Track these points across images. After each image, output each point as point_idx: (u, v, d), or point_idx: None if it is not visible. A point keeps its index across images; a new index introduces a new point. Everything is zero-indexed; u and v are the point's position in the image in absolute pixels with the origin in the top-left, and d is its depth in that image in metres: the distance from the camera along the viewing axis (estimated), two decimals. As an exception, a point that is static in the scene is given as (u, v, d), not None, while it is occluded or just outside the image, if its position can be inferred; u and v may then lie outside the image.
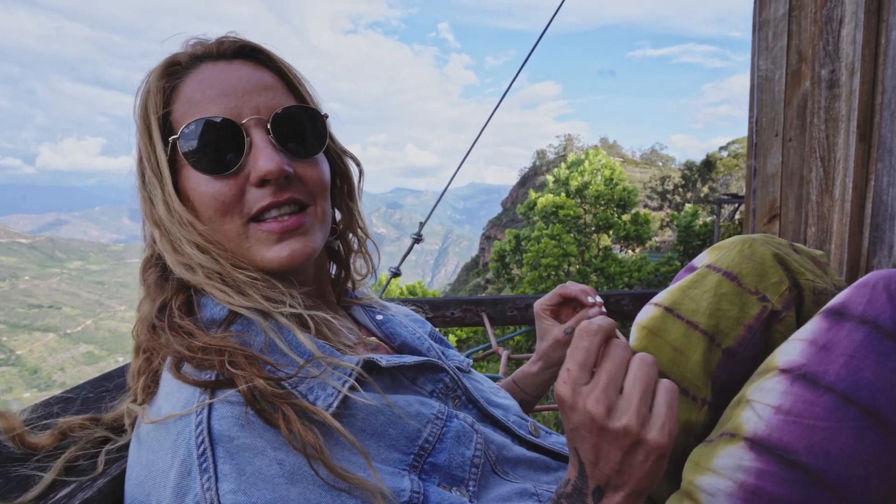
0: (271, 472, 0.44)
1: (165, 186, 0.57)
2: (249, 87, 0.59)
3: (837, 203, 1.52)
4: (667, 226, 32.25)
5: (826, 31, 1.53)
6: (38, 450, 0.56)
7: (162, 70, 0.60)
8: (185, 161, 0.57)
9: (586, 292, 0.91)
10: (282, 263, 0.58)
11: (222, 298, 0.55)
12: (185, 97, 0.59)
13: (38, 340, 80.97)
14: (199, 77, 0.59)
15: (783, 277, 0.79)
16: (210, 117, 0.56)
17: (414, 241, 1.80)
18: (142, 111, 0.59)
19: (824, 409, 0.55)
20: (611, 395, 0.42)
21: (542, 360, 0.95)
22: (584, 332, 0.44)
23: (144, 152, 0.58)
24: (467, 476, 0.56)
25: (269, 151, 0.57)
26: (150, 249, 0.62)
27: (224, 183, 0.57)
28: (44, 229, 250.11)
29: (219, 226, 0.57)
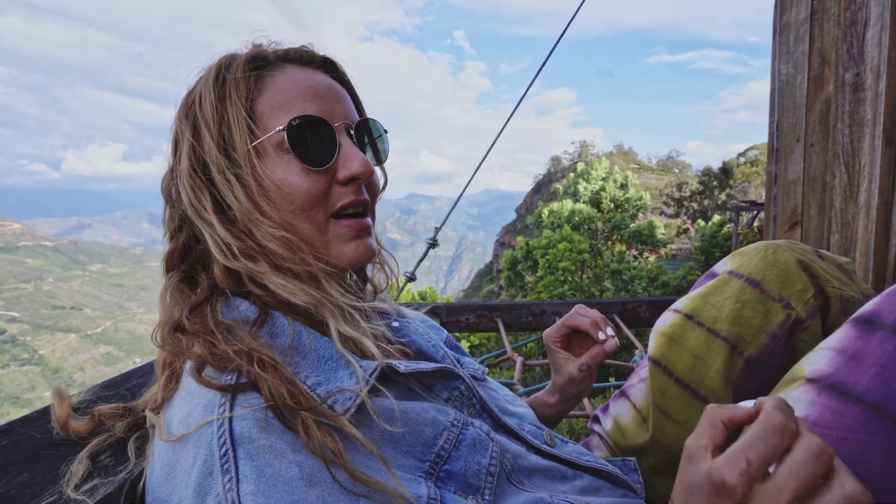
0: (290, 474, 0.44)
1: (254, 170, 0.57)
2: (336, 94, 0.63)
3: (862, 210, 1.48)
4: (683, 233, 31.83)
5: (850, 34, 1.50)
6: (75, 436, 0.59)
7: (249, 60, 0.61)
8: (286, 151, 0.58)
9: (597, 325, 0.82)
10: (356, 259, 0.62)
11: (287, 290, 0.56)
12: (276, 91, 0.60)
13: (60, 341, 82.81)
14: (290, 76, 0.61)
15: (808, 285, 0.77)
16: (312, 114, 0.59)
17: (430, 246, 1.81)
18: (218, 94, 0.59)
19: (855, 421, 0.53)
20: None
21: (559, 393, 0.88)
22: (777, 427, 0.38)
23: (217, 136, 0.58)
24: (483, 485, 0.56)
25: (361, 154, 0.62)
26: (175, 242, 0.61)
27: (317, 177, 0.59)
28: (67, 233, 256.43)
29: (304, 217, 0.59)
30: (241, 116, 0.58)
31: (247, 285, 0.58)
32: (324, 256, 0.60)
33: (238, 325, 0.53)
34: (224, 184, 0.57)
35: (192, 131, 0.59)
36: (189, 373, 0.51)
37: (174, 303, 0.58)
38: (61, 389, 0.63)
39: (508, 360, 1.79)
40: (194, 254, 0.62)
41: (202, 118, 0.58)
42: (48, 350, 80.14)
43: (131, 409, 0.62)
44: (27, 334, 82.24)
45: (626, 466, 0.78)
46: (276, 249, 0.56)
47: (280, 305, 0.58)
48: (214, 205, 0.58)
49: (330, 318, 0.57)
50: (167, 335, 0.56)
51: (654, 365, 0.84)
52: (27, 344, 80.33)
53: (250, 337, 0.52)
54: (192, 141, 0.59)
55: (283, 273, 0.57)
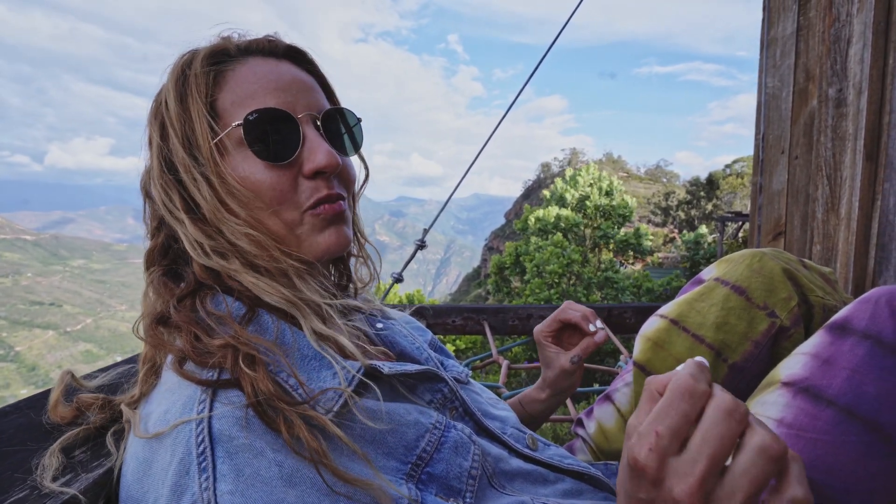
0: (270, 474, 0.43)
1: (218, 168, 0.56)
2: (300, 85, 0.61)
3: (843, 221, 1.51)
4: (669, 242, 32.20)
5: (834, 51, 1.53)
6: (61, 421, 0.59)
7: (209, 56, 0.59)
8: (246, 147, 0.57)
9: (587, 318, 0.83)
10: (330, 247, 0.60)
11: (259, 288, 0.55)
12: (236, 86, 0.58)
13: (38, 337, 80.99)
14: (251, 69, 0.59)
15: (792, 293, 0.79)
16: (272, 107, 0.57)
17: (417, 248, 1.80)
18: (180, 93, 0.57)
19: (826, 423, 0.54)
20: (710, 485, 0.33)
21: (550, 388, 0.88)
22: (684, 391, 0.35)
23: (181, 135, 0.56)
24: (464, 487, 0.55)
25: (326, 146, 0.59)
26: (155, 240, 0.60)
27: (281, 172, 0.58)
28: (49, 227, 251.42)
29: (271, 214, 0.57)
30: (202, 114, 0.56)
31: (226, 281, 0.57)
32: (295, 252, 0.59)
33: (227, 317, 0.53)
34: (191, 183, 0.56)
35: (159, 132, 0.58)
36: (170, 366, 0.50)
37: (158, 296, 0.57)
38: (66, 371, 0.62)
39: (494, 363, 1.79)
40: (174, 252, 0.61)
41: (167, 118, 0.57)
42: (25, 347, 78.29)
43: (111, 401, 0.60)
44: (3, 330, 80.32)
45: (608, 470, 0.79)
46: (245, 247, 0.55)
47: (263, 302, 0.57)
48: (184, 204, 0.57)
49: (302, 318, 0.56)
50: (149, 327, 0.55)
51: (638, 370, 0.85)
52: (3, 340, 78.44)
53: (240, 329, 0.51)
54: (160, 141, 0.58)
55: (254, 270, 0.56)
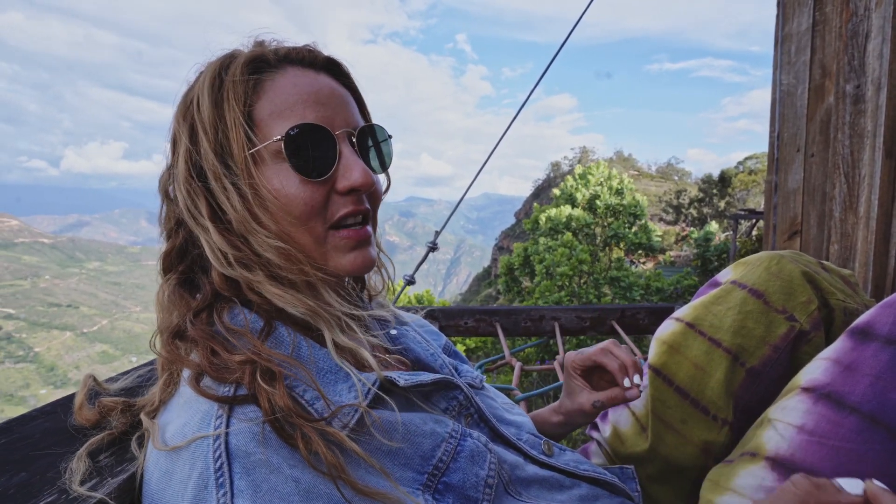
0: (287, 489, 0.44)
1: (251, 179, 0.55)
2: (338, 100, 0.61)
3: (862, 220, 1.49)
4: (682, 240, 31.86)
5: (851, 46, 1.51)
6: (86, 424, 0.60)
7: (247, 63, 0.58)
8: (283, 160, 0.56)
9: (625, 370, 0.75)
10: (355, 269, 0.60)
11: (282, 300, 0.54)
12: (276, 96, 0.57)
13: (56, 338, 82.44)
14: (290, 80, 0.59)
15: (812, 297, 0.77)
16: (312, 123, 0.57)
17: (429, 250, 1.80)
18: (215, 98, 0.56)
19: (850, 431, 0.53)
20: None
21: (564, 417, 0.83)
22: None
23: (214, 141, 0.55)
24: (481, 496, 0.55)
25: (362, 164, 0.59)
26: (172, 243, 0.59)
27: (315, 188, 0.57)
28: (66, 230, 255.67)
29: (301, 228, 0.57)
30: (238, 122, 0.55)
31: (245, 293, 0.57)
32: (321, 266, 0.59)
33: (246, 331, 0.53)
34: (220, 191, 0.55)
35: (189, 135, 0.57)
36: (187, 382, 0.50)
37: (173, 307, 0.57)
38: (88, 375, 0.63)
39: (507, 364, 1.78)
40: (192, 256, 0.60)
41: (199, 121, 0.56)
42: (43, 348, 79.74)
43: (132, 405, 0.61)
44: (23, 331, 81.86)
45: (623, 474, 0.78)
46: (272, 259, 0.55)
47: (279, 315, 0.57)
48: (210, 211, 0.56)
49: (326, 329, 0.56)
50: (165, 341, 0.55)
51: (654, 373, 0.84)
52: (22, 341, 79.94)
53: (259, 344, 0.51)
54: (189, 145, 0.57)
55: (278, 282, 0.56)
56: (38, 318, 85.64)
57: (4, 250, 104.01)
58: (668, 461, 0.82)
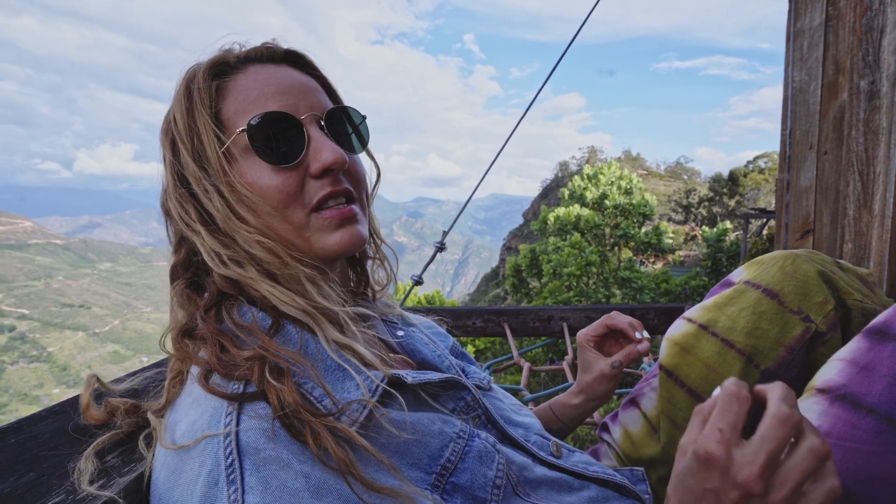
0: (297, 485, 0.44)
1: (227, 177, 0.57)
2: (301, 87, 0.62)
3: (877, 219, 1.46)
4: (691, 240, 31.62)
5: (866, 41, 1.48)
6: (93, 423, 0.60)
7: (209, 69, 0.60)
8: (252, 153, 0.58)
9: (633, 326, 0.86)
10: (342, 248, 0.60)
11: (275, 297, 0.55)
12: (238, 94, 0.60)
13: (69, 338, 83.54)
14: (251, 77, 0.61)
15: (828, 297, 0.75)
16: (275, 110, 0.58)
17: (437, 250, 1.80)
18: (186, 108, 0.59)
19: (867, 432, 0.52)
20: (769, 474, 0.40)
21: (584, 392, 0.89)
22: (733, 396, 0.43)
23: (191, 149, 0.58)
24: (489, 497, 0.55)
25: (331, 144, 0.60)
26: (177, 255, 0.61)
27: (287, 174, 0.58)
28: (78, 231, 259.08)
29: (280, 217, 0.58)
30: (208, 126, 0.57)
31: (247, 290, 0.57)
32: (308, 253, 0.59)
33: (255, 328, 0.53)
34: (203, 194, 0.57)
35: (171, 148, 0.60)
36: (196, 380, 0.51)
37: (182, 308, 0.58)
38: (91, 375, 0.64)
39: (515, 365, 1.78)
40: (195, 263, 0.61)
41: (177, 133, 0.59)
42: (56, 347, 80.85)
43: (140, 406, 0.61)
44: (36, 331, 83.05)
45: (633, 476, 0.77)
46: (258, 254, 0.56)
47: (285, 312, 0.57)
48: (199, 215, 0.58)
49: (317, 327, 0.56)
50: (175, 339, 0.55)
51: (665, 375, 0.83)
52: (36, 341, 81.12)
53: (268, 340, 0.51)
54: (171, 157, 0.59)
55: (270, 278, 0.56)
56: (51, 318, 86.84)
57: (18, 251, 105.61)
58: None
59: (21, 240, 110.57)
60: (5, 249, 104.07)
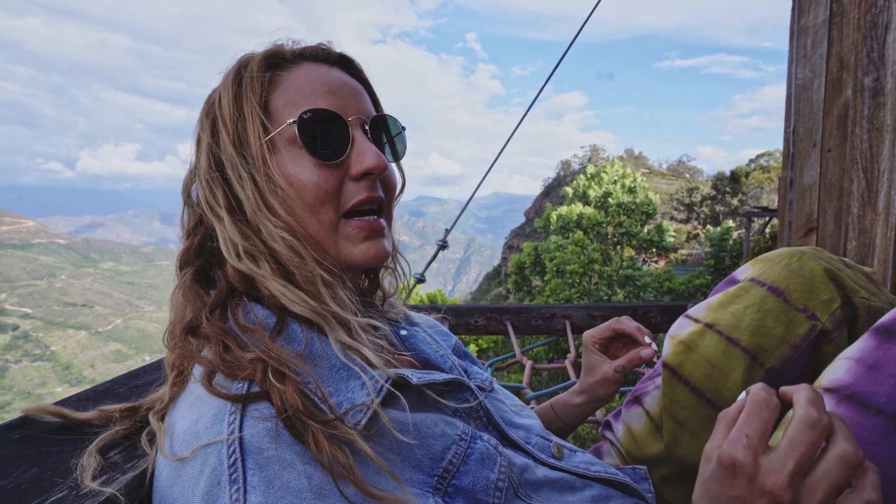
0: (299, 486, 0.43)
1: (266, 167, 0.57)
2: (350, 90, 0.63)
3: (881, 216, 1.45)
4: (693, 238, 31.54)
5: (870, 38, 1.47)
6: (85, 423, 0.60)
7: (264, 59, 0.61)
8: (297, 146, 0.58)
9: (641, 331, 0.86)
10: (367, 261, 0.61)
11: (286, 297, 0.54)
12: (290, 88, 0.60)
13: (72, 337, 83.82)
14: (305, 73, 0.61)
15: (834, 295, 0.75)
16: (325, 108, 0.59)
17: (439, 248, 1.80)
18: (234, 93, 0.59)
19: (875, 433, 0.52)
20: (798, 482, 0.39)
21: (587, 393, 0.89)
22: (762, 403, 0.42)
23: (233, 133, 0.58)
24: (491, 499, 0.55)
25: (374, 149, 0.61)
26: (190, 241, 0.60)
27: (329, 172, 0.59)
28: (81, 231, 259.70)
29: (313, 215, 0.58)
30: (255, 113, 0.58)
31: (258, 288, 0.57)
32: (331, 258, 0.59)
33: (258, 329, 0.53)
34: (237, 180, 0.57)
35: (210, 129, 0.60)
36: (199, 380, 0.50)
37: (187, 302, 0.57)
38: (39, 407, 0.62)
39: (517, 363, 1.77)
40: (209, 250, 0.61)
41: (220, 116, 0.59)
42: (59, 346, 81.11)
43: (135, 408, 0.61)
44: (39, 330, 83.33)
45: (636, 475, 0.77)
46: (279, 249, 0.56)
47: (292, 312, 0.56)
48: (227, 201, 0.58)
49: (328, 329, 0.55)
50: (179, 336, 0.55)
51: (668, 372, 0.83)
52: (39, 340, 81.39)
53: (271, 342, 0.51)
54: (210, 139, 0.59)
55: (284, 278, 0.56)
56: (54, 317, 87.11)
57: (22, 251, 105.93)
58: (684, 462, 0.81)
59: (24, 239, 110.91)
60: (9, 249, 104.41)
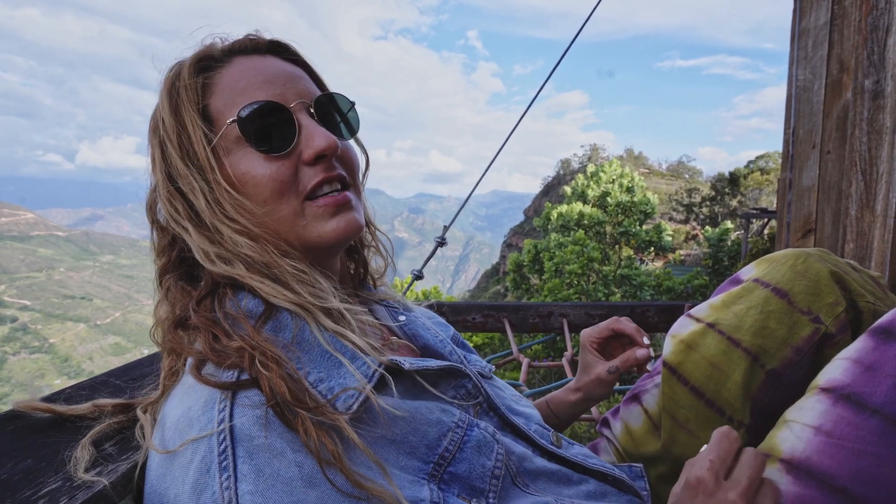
0: (290, 474, 0.44)
1: (214, 174, 0.57)
2: (287, 76, 0.61)
3: (879, 218, 1.45)
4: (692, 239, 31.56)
5: (871, 40, 1.47)
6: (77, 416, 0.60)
7: (194, 64, 0.60)
8: (244, 144, 0.58)
9: (640, 332, 0.86)
10: (339, 235, 0.60)
11: (263, 291, 0.54)
12: (225, 87, 0.59)
13: (70, 330, 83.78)
14: (237, 68, 0.60)
15: (840, 298, 0.74)
16: (264, 100, 0.58)
17: (438, 245, 1.80)
18: (172, 106, 0.58)
19: (871, 434, 0.51)
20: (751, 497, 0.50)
21: (583, 392, 0.89)
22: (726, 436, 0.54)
23: (178, 146, 0.57)
24: (487, 487, 0.55)
25: (322, 130, 0.60)
26: (167, 257, 0.61)
27: (281, 163, 0.58)
28: (80, 223, 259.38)
29: (275, 207, 0.58)
30: (195, 123, 0.57)
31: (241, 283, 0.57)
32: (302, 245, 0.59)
33: (243, 318, 0.53)
34: (190, 191, 0.57)
35: (159, 147, 0.59)
36: (189, 371, 0.50)
37: (176, 301, 0.57)
38: None
39: (514, 361, 1.78)
40: (189, 260, 0.61)
41: (164, 132, 0.58)
42: (58, 339, 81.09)
43: (130, 405, 0.61)
44: (38, 323, 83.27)
45: (632, 473, 0.77)
46: (244, 252, 0.55)
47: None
48: (187, 213, 0.57)
49: (313, 318, 0.55)
50: (168, 331, 0.55)
51: (668, 372, 0.82)
52: (38, 332, 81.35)
53: (254, 331, 0.51)
54: (161, 157, 0.59)
55: (259, 274, 0.56)
56: (52, 309, 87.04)
57: (21, 243, 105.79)
58: (681, 461, 0.80)
59: (23, 231, 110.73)
60: (8, 241, 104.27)
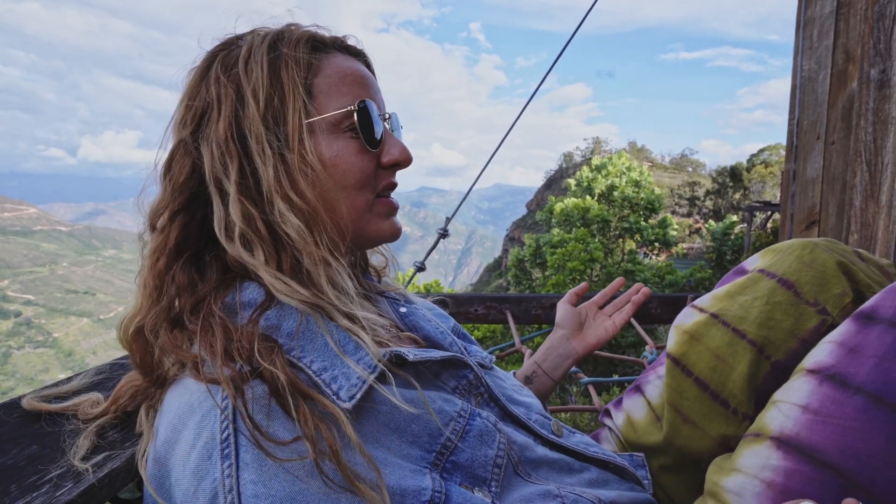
0: (292, 464, 0.44)
1: (302, 147, 0.57)
2: (376, 85, 0.68)
3: (884, 209, 1.45)
4: (695, 233, 31.50)
5: (877, 29, 1.46)
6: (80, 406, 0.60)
7: (308, 40, 0.62)
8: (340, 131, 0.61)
9: None
10: (391, 234, 0.67)
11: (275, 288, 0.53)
12: (333, 74, 0.62)
13: (74, 324, 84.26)
14: (342, 62, 0.64)
15: (847, 289, 0.73)
16: (372, 99, 0.63)
17: (440, 237, 1.80)
18: (273, 67, 0.57)
19: (855, 410, 0.54)
20: None
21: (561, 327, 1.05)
22: None
23: (264, 106, 0.56)
24: (490, 476, 0.55)
25: (402, 142, 0.67)
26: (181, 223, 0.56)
27: (369, 158, 0.63)
28: (83, 218, 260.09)
29: (353, 195, 0.61)
30: (297, 93, 0.57)
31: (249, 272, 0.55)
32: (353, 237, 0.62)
33: (247, 308, 0.53)
34: (259, 154, 0.55)
35: (235, 95, 0.56)
36: (189, 372, 0.49)
37: (177, 293, 0.54)
38: None
39: (517, 352, 1.78)
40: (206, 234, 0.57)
41: (249, 86, 0.56)
42: (62, 333, 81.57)
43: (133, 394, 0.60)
44: (42, 317, 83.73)
45: (633, 461, 0.77)
46: (288, 231, 0.54)
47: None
48: (239, 176, 0.54)
49: (320, 317, 0.54)
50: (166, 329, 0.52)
51: (672, 363, 0.82)
52: (42, 327, 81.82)
53: (256, 322, 0.51)
54: (234, 106, 0.56)
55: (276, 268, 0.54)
56: (56, 304, 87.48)
57: (24, 238, 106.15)
58: (683, 453, 0.81)
59: (26, 226, 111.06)
60: (11, 236, 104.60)
